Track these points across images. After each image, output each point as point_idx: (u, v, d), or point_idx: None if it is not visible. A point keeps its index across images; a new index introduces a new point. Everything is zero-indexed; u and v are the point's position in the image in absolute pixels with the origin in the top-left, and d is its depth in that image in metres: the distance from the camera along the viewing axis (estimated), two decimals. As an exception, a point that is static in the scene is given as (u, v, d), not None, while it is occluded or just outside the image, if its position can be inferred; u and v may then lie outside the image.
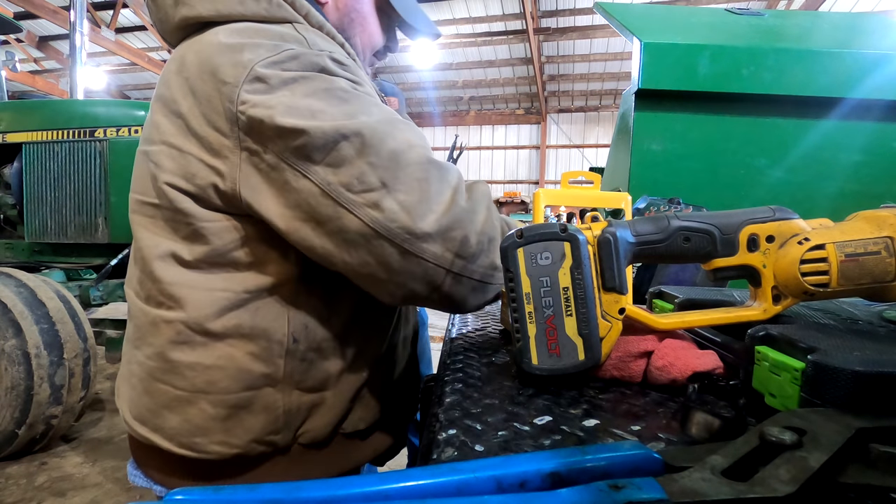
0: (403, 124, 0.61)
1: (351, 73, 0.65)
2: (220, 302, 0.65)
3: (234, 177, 0.61)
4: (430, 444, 0.44)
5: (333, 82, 0.61)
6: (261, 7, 0.66)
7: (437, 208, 0.58)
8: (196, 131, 0.62)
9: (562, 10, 10.53)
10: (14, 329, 2.36)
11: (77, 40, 3.81)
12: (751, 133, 1.32)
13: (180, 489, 0.27)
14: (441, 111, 16.19)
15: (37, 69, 13.07)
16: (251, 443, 0.67)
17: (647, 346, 0.59)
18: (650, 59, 1.27)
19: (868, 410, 0.36)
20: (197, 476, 0.69)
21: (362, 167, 0.57)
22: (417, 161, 0.58)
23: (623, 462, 0.30)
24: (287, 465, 0.71)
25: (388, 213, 0.57)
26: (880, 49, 1.27)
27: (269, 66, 0.59)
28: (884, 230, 0.51)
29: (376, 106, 0.63)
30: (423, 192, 0.58)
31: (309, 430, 0.70)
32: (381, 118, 0.60)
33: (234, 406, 0.66)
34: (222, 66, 0.60)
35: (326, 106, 0.59)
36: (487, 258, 0.63)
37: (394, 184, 0.57)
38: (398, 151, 0.58)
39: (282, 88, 0.59)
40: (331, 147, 0.57)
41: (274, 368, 0.67)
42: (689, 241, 0.56)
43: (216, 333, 0.65)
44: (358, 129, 0.57)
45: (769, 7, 9.43)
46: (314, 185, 0.58)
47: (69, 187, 2.90)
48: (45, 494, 2.26)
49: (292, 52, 0.61)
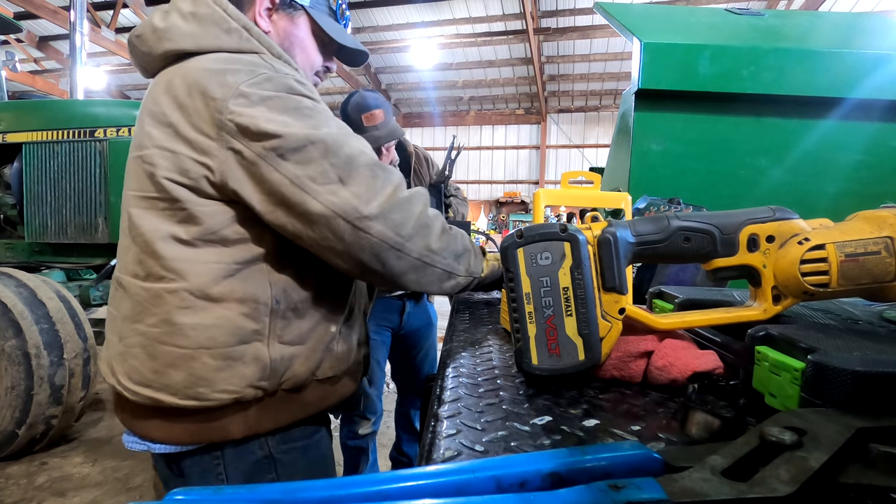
0: (354, 137, 0.82)
1: (309, 92, 0.82)
2: (216, 271, 0.80)
3: (222, 171, 0.77)
4: (430, 444, 0.44)
5: (300, 101, 0.79)
6: (233, 41, 0.84)
7: (380, 197, 0.77)
8: (185, 136, 0.78)
9: (562, 10, 10.53)
10: (14, 329, 2.36)
11: (77, 40, 3.81)
12: (751, 133, 1.32)
13: (180, 489, 0.27)
14: (441, 111, 16.19)
15: (37, 69, 13.06)
16: (246, 388, 0.81)
17: (647, 346, 0.59)
18: (650, 59, 1.27)
19: (868, 410, 0.36)
20: (196, 423, 0.82)
21: (325, 166, 0.76)
22: (367, 164, 0.78)
23: (623, 462, 0.30)
24: (275, 408, 0.86)
25: (343, 199, 0.75)
26: (880, 49, 1.27)
27: (250, 85, 0.77)
28: (884, 230, 0.51)
29: (333, 120, 0.82)
30: (370, 186, 0.76)
31: (291, 377, 0.85)
32: (339, 131, 0.80)
33: (230, 357, 0.79)
34: (210, 86, 0.76)
35: (294, 120, 0.77)
36: (423, 241, 0.81)
37: (348, 179, 0.76)
38: (353, 156, 0.77)
39: (260, 104, 0.76)
40: (300, 149, 0.75)
41: (261, 325, 0.82)
42: (689, 241, 0.56)
43: (215, 298, 0.80)
44: (322, 138, 0.76)
45: (769, 7, 9.43)
46: (285, 177, 0.75)
47: (69, 187, 2.90)
48: (45, 494, 2.26)
49: (266, 75, 0.79)
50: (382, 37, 11.87)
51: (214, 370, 0.79)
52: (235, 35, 0.84)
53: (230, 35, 0.84)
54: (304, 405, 0.90)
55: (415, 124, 16.56)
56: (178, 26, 0.83)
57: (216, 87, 0.76)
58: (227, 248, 0.81)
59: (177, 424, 0.82)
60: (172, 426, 0.82)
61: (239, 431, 0.83)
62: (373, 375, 2.01)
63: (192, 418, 0.81)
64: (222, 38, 0.83)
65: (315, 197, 0.75)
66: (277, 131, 0.74)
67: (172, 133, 0.78)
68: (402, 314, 2.01)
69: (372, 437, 2.08)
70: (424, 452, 0.44)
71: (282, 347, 0.83)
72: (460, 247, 0.88)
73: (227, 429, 0.83)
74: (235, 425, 0.83)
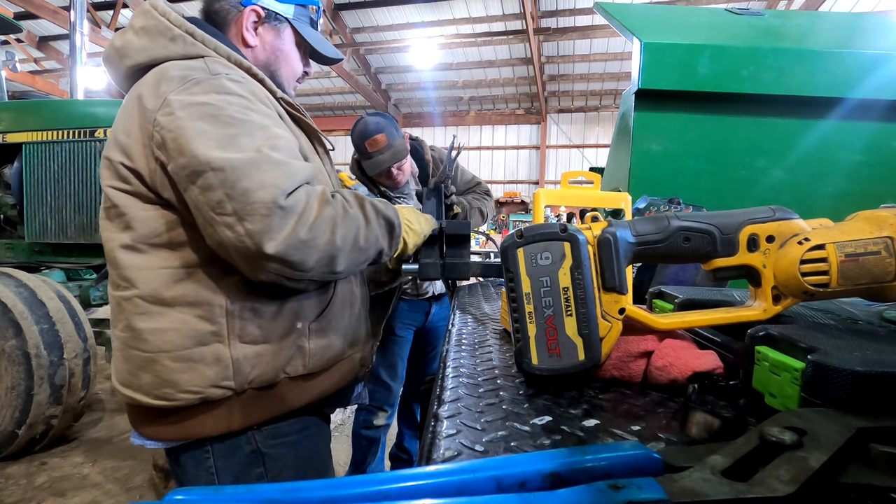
0: (268, 164, 0.75)
1: (244, 90, 0.82)
2: (165, 277, 0.82)
3: (153, 179, 0.80)
4: (430, 443, 0.44)
5: (222, 108, 0.77)
6: (179, 48, 0.87)
7: (278, 237, 0.72)
8: (121, 142, 0.81)
9: (562, 10, 10.51)
10: (14, 329, 2.36)
11: (77, 40, 3.81)
12: (751, 133, 1.32)
13: (180, 489, 0.27)
14: (441, 111, 16.18)
15: (37, 69, 13.05)
16: (210, 387, 0.82)
17: (647, 346, 0.59)
18: (650, 59, 1.27)
19: (868, 410, 0.36)
20: (174, 422, 0.85)
21: (221, 196, 0.73)
22: (263, 200, 0.72)
23: (623, 462, 0.30)
24: (245, 406, 0.86)
25: (237, 237, 0.73)
26: (880, 49, 1.27)
27: (178, 93, 0.78)
28: (884, 230, 0.51)
29: (258, 130, 0.78)
30: (266, 225, 0.72)
31: (258, 375, 0.85)
32: (247, 157, 0.74)
33: (189, 359, 0.81)
34: (147, 95, 0.80)
35: (211, 128, 0.75)
36: (327, 267, 0.79)
37: (244, 214, 0.72)
38: (250, 190, 0.72)
39: (181, 111, 0.76)
40: (200, 174, 0.73)
41: (218, 327, 0.83)
42: (689, 241, 0.56)
43: (168, 302, 0.82)
44: (221, 165, 0.72)
45: (769, 7, 9.43)
46: (192, 198, 0.76)
47: (69, 187, 2.90)
48: (45, 494, 2.26)
49: (196, 79, 0.80)
50: (382, 37, 11.85)
51: (176, 372, 0.81)
52: (180, 41, 0.87)
53: (175, 42, 0.87)
54: (278, 402, 0.90)
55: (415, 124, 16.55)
56: (132, 43, 0.87)
57: (150, 98, 0.79)
58: (174, 253, 0.82)
59: (158, 422, 0.86)
60: (155, 424, 0.87)
61: (214, 429, 0.85)
62: (397, 370, 2.05)
63: (169, 417, 0.85)
64: (169, 46, 0.86)
65: (214, 226, 0.74)
66: (186, 150, 0.74)
67: (113, 141, 0.83)
68: (427, 314, 2.08)
69: (385, 430, 2.10)
70: (424, 452, 0.44)
71: (244, 347, 0.84)
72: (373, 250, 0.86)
73: (202, 427, 0.85)
74: (209, 423, 0.85)
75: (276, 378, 0.87)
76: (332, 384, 0.99)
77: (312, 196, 0.77)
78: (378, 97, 14.76)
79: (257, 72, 0.93)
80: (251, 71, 0.92)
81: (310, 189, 0.78)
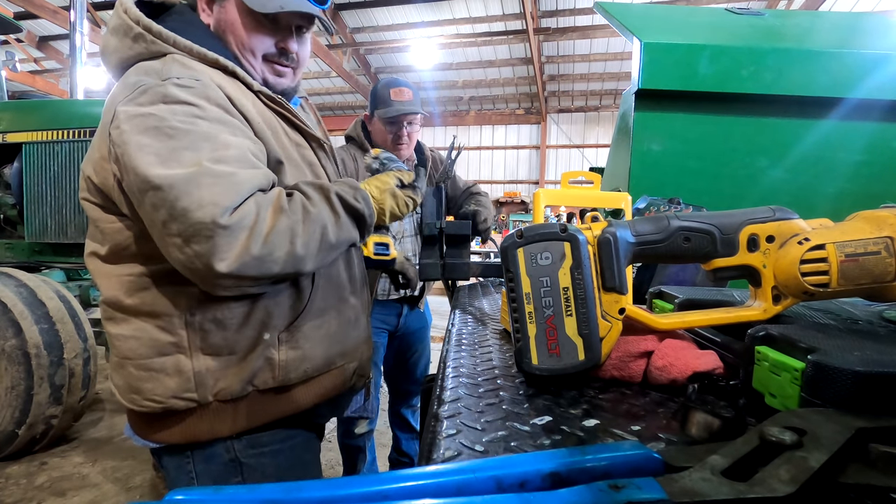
0: (208, 179, 0.69)
1: (194, 96, 0.75)
2: (125, 284, 0.81)
3: (112, 194, 0.78)
4: (430, 444, 0.44)
5: (164, 119, 0.72)
6: (142, 47, 0.82)
7: (229, 255, 0.68)
8: (92, 156, 0.79)
9: (562, 10, 10.51)
10: (14, 329, 2.36)
11: (77, 40, 3.81)
12: (751, 133, 1.32)
13: (180, 489, 0.27)
14: (441, 111, 16.18)
15: (37, 69, 13.05)
16: (172, 399, 0.80)
17: (647, 346, 0.59)
18: (650, 59, 1.27)
19: (868, 410, 0.36)
20: (142, 426, 0.85)
21: (165, 215, 0.69)
22: (203, 220, 0.67)
23: (623, 462, 0.30)
24: (211, 419, 0.83)
25: (187, 258, 0.69)
26: (880, 49, 1.27)
27: (125, 103, 0.74)
28: (884, 230, 0.51)
29: (206, 140, 0.72)
30: (212, 246, 0.67)
31: (223, 388, 0.82)
32: (186, 173, 0.68)
33: (151, 369, 0.80)
34: (107, 107, 0.76)
35: (153, 141, 0.70)
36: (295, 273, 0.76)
37: (188, 236, 0.68)
38: (188, 210, 0.67)
39: (127, 124, 0.72)
40: (144, 192, 0.70)
41: (178, 338, 0.80)
42: (689, 241, 0.56)
43: (128, 310, 0.81)
44: (159, 184, 0.68)
45: (769, 7, 9.43)
46: (144, 216, 0.73)
47: (69, 187, 2.90)
48: (45, 494, 2.26)
49: (142, 87, 0.75)
50: (382, 37, 11.86)
51: (139, 380, 0.80)
52: (141, 41, 0.81)
53: (137, 42, 0.82)
54: (249, 415, 0.85)
55: None
56: (108, 43, 0.84)
57: (108, 109, 0.76)
58: (134, 264, 0.81)
59: (137, 421, 0.87)
60: (135, 422, 0.87)
61: (182, 438, 0.83)
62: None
63: (137, 418, 0.86)
64: (134, 47, 0.82)
65: (166, 246, 0.71)
66: (130, 167, 0.70)
67: (89, 154, 0.81)
68: (399, 317, 2.01)
69: (369, 437, 2.08)
70: (424, 452, 0.44)
71: (206, 359, 0.81)
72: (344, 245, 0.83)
73: (170, 434, 0.83)
74: (177, 432, 0.83)
75: (244, 391, 0.83)
76: (315, 396, 0.92)
77: (264, 207, 0.72)
78: (378, 97, 14.73)
79: (226, 63, 0.85)
80: (218, 63, 0.84)
81: (261, 199, 0.73)
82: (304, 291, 0.88)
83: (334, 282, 0.94)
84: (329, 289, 0.93)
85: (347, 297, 0.97)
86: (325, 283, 0.92)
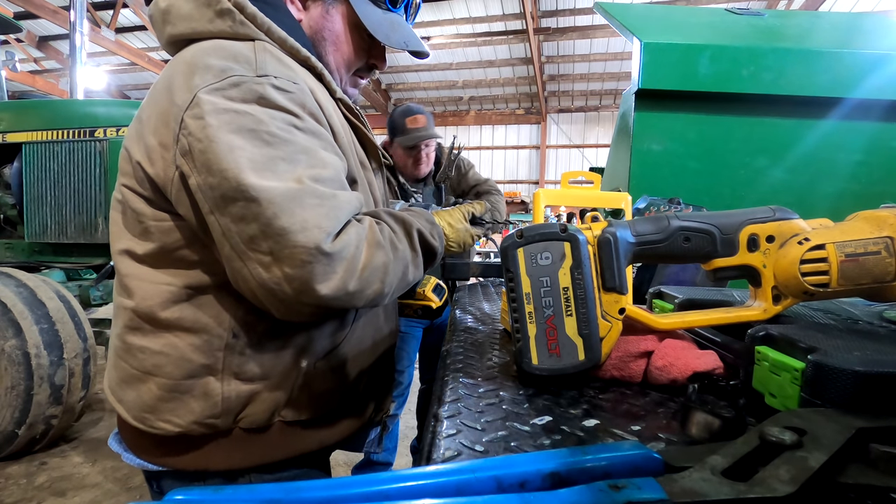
0: (312, 199, 0.62)
1: (292, 103, 0.67)
2: (164, 294, 0.71)
3: (169, 189, 0.67)
4: (430, 444, 0.44)
5: (263, 121, 0.63)
6: (226, 25, 0.72)
7: (321, 287, 0.61)
8: (145, 139, 0.68)
9: (562, 10, 10.51)
10: (14, 329, 2.36)
11: (77, 40, 3.81)
12: (751, 133, 1.32)
13: (180, 489, 0.27)
14: (441, 111, 16.19)
15: (37, 69, 13.05)
16: (192, 424, 0.72)
17: (647, 346, 0.59)
18: (650, 59, 1.27)
19: (868, 410, 0.36)
20: (145, 448, 0.76)
21: (256, 230, 0.60)
22: (304, 244, 0.59)
23: (623, 462, 0.30)
24: (229, 447, 0.75)
25: (273, 278, 0.61)
26: (880, 49, 1.27)
27: (211, 91, 0.63)
28: (884, 230, 0.51)
29: (304, 154, 0.65)
30: (307, 273, 0.60)
31: (248, 415, 0.74)
32: (287, 189, 0.61)
33: (175, 390, 0.71)
34: (178, 87, 0.65)
35: (247, 144, 0.62)
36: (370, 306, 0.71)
37: (281, 257, 0.60)
38: (289, 231, 0.59)
39: (212, 118, 0.62)
40: (232, 201, 0.61)
41: (214, 360, 0.71)
42: (689, 241, 0.56)
43: (162, 323, 0.71)
44: (256, 196, 0.60)
45: (769, 7, 9.43)
46: (219, 225, 0.63)
47: (69, 187, 2.90)
48: (45, 494, 2.26)
49: (234, 79, 0.65)
50: (382, 37, 11.86)
51: (159, 400, 0.71)
52: (228, 18, 0.72)
53: (223, 18, 0.72)
54: (267, 449, 0.77)
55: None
56: (178, 7, 0.74)
57: (180, 90, 0.65)
58: (180, 271, 0.71)
59: (131, 439, 0.78)
60: (128, 439, 0.78)
61: (191, 464, 0.75)
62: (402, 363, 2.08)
63: (141, 439, 0.76)
64: (216, 22, 0.72)
65: (245, 262, 0.62)
66: (215, 169, 0.61)
67: (140, 131, 0.70)
68: None
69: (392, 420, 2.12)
70: (425, 452, 0.44)
71: (238, 384, 0.73)
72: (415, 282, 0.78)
73: (179, 460, 0.75)
74: (188, 458, 0.75)
75: (270, 421, 0.76)
76: (337, 433, 0.85)
77: (362, 239, 0.66)
78: (378, 97, 14.77)
79: (316, 63, 0.78)
80: (309, 62, 0.77)
81: (360, 230, 0.66)
82: (348, 317, 0.81)
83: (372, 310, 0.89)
84: (369, 316, 0.87)
85: (382, 324, 0.92)
86: (366, 310, 0.86)
